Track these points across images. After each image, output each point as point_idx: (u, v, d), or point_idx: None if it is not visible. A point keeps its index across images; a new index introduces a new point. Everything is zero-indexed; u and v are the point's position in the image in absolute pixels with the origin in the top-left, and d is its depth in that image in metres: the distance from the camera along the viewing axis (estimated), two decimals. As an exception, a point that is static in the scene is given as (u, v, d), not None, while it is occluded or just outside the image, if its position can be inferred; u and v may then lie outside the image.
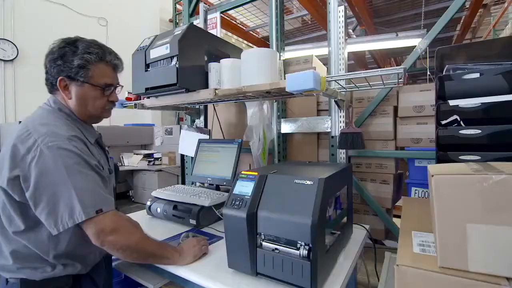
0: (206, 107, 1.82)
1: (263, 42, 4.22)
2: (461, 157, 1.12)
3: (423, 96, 1.30)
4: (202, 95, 1.18)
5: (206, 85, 1.23)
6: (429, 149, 1.23)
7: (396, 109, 1.38)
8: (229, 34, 3.76)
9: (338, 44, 1.25)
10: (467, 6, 2.25)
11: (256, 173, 0.87)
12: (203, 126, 1.78)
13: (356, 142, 1.20)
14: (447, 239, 0.54)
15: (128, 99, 1.50)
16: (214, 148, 1.62)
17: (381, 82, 1.07)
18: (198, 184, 1.75)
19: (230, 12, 3.83)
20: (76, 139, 0.80)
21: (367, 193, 1.40)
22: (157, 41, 1.23)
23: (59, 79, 0.84)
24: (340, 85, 1.10)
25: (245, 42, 4.04)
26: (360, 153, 1.39)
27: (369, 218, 1.44)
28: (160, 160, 4.39)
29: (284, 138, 1.65)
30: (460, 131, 1.11)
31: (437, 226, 0.54)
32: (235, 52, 1.44)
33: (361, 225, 1.21)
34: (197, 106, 1.79)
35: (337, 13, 1.24)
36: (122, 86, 0.99)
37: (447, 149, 1.14)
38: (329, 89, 1.03)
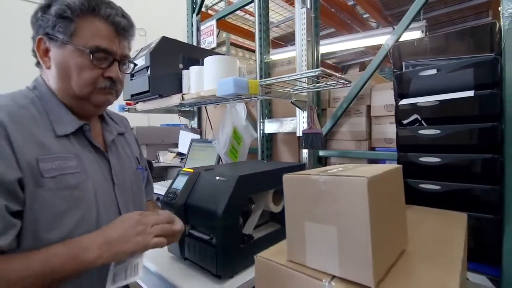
0: (199, 109, 1.97)
1: (275, 43, 4.16)
2: (421, 159, 1.05)
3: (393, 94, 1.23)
4: (173, 100, 1.33)
5: (181, 91, 1.37)
6: (395, 150, 1.18)
7: (369, 108, 1.34)
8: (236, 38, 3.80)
9: (301, 46, 1.27)
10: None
11: (192, 170, 0.98)
12: (196, 127, 1.93)
13: (315, 142, 1.22)
14: (293, 234, 0.58)
15: (128, 103, 1.72)
16: (202, 147, 1.76)
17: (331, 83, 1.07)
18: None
19: (249, 9, 3.87)
20: None
21: (339, 194, 1.38)
22: (140, 53, 1.41)
23: (37, 39, 0.60)
24: (281, 86, 1.13)
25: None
26: (326, 154, 1.39)
27: (343, 219, 1.42)
28: (191, 157, 4.76)
29: (269, 138, 1.71)
30: (420, 131, 1.04)
31: (286, 221, 0.59)
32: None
33: (320, 225, 1.22)
34: (190, 108, 1.95)
35: (299, 15, 1.26)
36: (134, 64, 0.72)
37: (407, 150, 1.08)
38: (273, 91, 1.07)
